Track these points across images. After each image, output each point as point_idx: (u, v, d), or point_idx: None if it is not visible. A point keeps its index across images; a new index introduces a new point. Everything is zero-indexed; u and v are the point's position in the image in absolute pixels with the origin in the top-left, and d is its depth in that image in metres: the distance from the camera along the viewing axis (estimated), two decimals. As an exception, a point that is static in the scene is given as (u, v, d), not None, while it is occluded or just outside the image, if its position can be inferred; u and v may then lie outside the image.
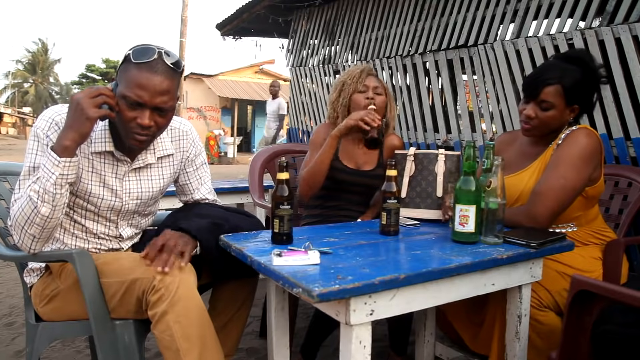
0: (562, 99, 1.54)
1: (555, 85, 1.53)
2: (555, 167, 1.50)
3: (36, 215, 1.24)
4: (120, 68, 1.31)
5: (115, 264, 1.35)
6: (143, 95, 1.25)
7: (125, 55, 1.29)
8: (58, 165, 1.23)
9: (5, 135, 34.78)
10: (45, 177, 1.23)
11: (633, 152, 2.52)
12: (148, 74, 1.25)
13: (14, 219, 1.27)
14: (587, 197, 1.56)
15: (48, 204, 1.24)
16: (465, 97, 3.57)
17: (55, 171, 1.23)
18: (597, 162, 1.54)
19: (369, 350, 1.06)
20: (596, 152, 1.52)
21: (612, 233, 1.67)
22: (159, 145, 1.50)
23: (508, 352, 1.41)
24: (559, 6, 2.86)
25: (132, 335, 1.36)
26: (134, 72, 1.26)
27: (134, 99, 1.26)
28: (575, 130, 1.55)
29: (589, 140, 1.51)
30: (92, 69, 36.76)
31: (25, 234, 1.27)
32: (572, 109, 1.57)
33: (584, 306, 0.94)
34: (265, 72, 20.16)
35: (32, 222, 1.25)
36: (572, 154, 1.50)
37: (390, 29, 4.08)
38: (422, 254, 1.24)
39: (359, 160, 2.00)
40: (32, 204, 1.24)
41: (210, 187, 1.69)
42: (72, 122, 1.24)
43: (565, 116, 1.58)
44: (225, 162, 16.33)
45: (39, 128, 1.33)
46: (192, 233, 1.35)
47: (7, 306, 2.73)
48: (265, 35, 6.47)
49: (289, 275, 1.04)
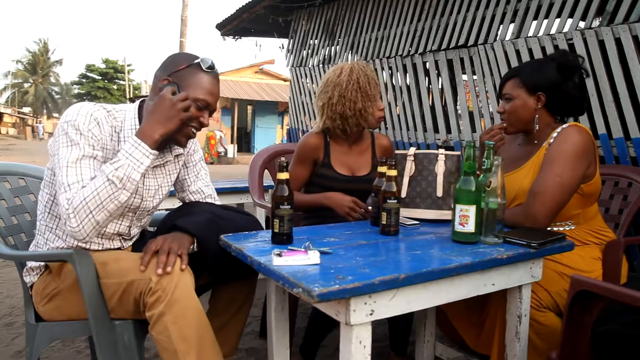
0: (522, 89, 1.62)
1: (513, 78, 1.65)
2: (549, 166, 1.51)
3: (112, 200, 1.27)
4: (184, 72, 1.41)
5: (113, 264, 1.36)
6: (212, 100, 1.42)
7: (191, 62, 1.40)
8: (149, 157, 1.31)
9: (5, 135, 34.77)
10: (131, 166, 1.28)
11: (633, 152, 2.52)
12: (215, 81, 1.44)
13: (81, 202, 1.25)
14: (584, 195, 1.56)
15: (128, 191, 1.29)
16: (465, 97, 3.57)
17: (144, 162, 1.31)
18: (591, 158, 1.55)
19: (369, 350, 1.06)
20: (589, 148, 1.53)
21: (612, 233, 1.67)
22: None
23: (508, 352, 1.41)
24: (559, 6, 2.86)
25: (132, 335, 1.36)
26: (206, 79, 1.41)
27: (206, 101, 1.41)
28: (566, 127, 1.56)
29: (580, 136, 1.52)
30: (92, 69, 36.77)
31: (90, 220, 1.27)
32: (537, 97, 1.61)
33: (584, 306, 0.94)
34: (265, 72, 20.15)
35: (104, 208, 1.27)
36: (565, 151, 1.50)
37: (390, 29, 4.08)
38: (422, 254, 1.24)
39: (352, 166, 1.97)
40: (112, 189, 1.26)
41: (208, 181, 1.71)
42: (163, 119, 1.32)
43: (530, 104, 1.62)
44: (225, 162, 16.34)
45: (80, 122, 1.33)
46: (187, 229, 1.36)
47: (7, 306, 2.73)
48: (265, 35, 6.47)
49: (289, 275, 1.04)
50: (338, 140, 1.98)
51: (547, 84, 1.59)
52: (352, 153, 1.98)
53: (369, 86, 1.87)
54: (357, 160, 1.98)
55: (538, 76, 1.61)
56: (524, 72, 1.64)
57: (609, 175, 2.12)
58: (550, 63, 1.63)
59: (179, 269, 1.27)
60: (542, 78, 1.60)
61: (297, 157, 1.97)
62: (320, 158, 1.96)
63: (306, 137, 1.98)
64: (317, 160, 1.97)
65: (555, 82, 1.59)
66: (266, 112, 19.75)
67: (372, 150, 2.02)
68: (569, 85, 1.60)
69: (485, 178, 1.35)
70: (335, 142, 1.97)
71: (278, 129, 20.14)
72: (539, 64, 1.68)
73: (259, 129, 19.86)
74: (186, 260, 1.30)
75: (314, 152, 1.96)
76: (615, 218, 2.00)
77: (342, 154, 1.97)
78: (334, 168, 1.94)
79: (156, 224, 1.66)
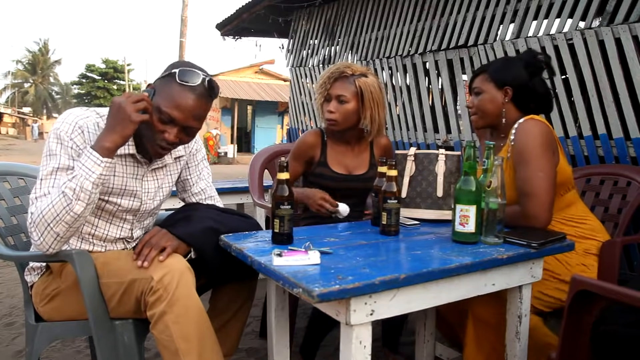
0: (491, 83, 1.67)
1: (482, 73, 1.71)
2: (526, 164, 1.52)
3: (67, 212, 1.24)
4: (162, 80, 1.35)
5: (114, 264, 1.36)
6: (178, 115, 1.31)
7: (170, 71, 1.33)
8: (100, 165, 1.25)
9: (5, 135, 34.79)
10: (83, 176, 1.24)
11: (633, 152, 2.52)
12: (188, 96, 1.31)
13: (38, 216, 1.25)
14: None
15: (82, 202, 1.25)
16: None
17: (96, 170, 1.25)
18: (554, 146, 1.57)
19: (369, 350, 1.06)
20: (549, 137, 1.55)
21: (594, 220, 1.66)
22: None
23: (508, 352, 1.41)
24: (559, 6, 2.86)
25: (132, 335, 1.36)
26: (176, 91, 1.31)
27: (169, 115, 1.31)
28: (522, 122, 1.58)
29: (537, 128, 1.55)
30: (92, 69, 36.74)
31: (49, 233, 1.26)
32: (504, 92, 1.65)
33: (584, 306, 0.94)
34: (265, 72, 20.14)
35: (61, 220, 1.25)
36: (532, 145, 1.52)
37: (390, 29, 4.08)
38: (423, 254, 1.24)
39: (349, 165, 1.96)
40: (65, 201, 1.24)
41: (210, 182, 1.70)
42: (115, 125, 1.26)
43: (498, 98, 1.66)
44: (225, 162, 16.33)
45: (62, 131, 1.32)
46: (182, 239, 1.36)
47: (7, 306, 2.73)
48: (265, 35, 6.47)
49: (289, 275, 1.04)
50: (335, 140, 1.97)
51: (514, 79, 1.65)
52: (350, 152, 1.97)
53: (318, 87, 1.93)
54: (354, 159, 1.97)
55: (505, 71, 1.67)
56: (492, 67, 1.70)
57: (608, 175, 2.12)
58: (518, 60, 1.70)
59: (179, 268, 1.27)
60: (509, 73, 1.66)
61: (294, 152, 1.99)
62: (317, 157, 1.96)
63: (305, 135, 2.00)
64: (314, 159, 1.97)
65: (522, 78, 1.65)
66: (266, 112, 19.74)
67: (370, 150, 2.01)
68: (535, 82, 1.65)
69: (485, 178, 1.35)
70: (332, 141, 1.97)
71: (278, 129, 20.14)
72: (507, 61, 1.75)
73: (259, 129, 19.85)
74: (167, 254, 1.30)
75: (310, 150, 1.96)
76: (614, 217, 2.00)
77: (339, 153, 1.97)
78: (330, 167, 1.94)
79: (157, 224, 1.66)
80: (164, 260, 1.28)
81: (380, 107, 1.89)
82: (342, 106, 1.85)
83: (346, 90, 1.85)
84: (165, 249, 1.31)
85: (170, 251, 1.31)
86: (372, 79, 1.88)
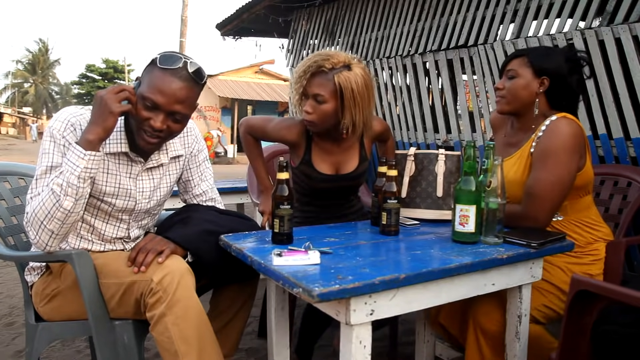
0: (529, 69, 1.58)
1: (522, 56, 1.60)
2: (543, 164, 1.48)
3: (58, 209, 1.25)
4: (145, 69, 1.35)
5: (113, 264, 1.36)
6: (161, 99, 1.30)
7: (152, 59, 1.33)
8: (83, 158, 1.25)
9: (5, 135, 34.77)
10: (69, 171, 1.25)
11: (633, 152, 2.52)
12: (170, 79, 1.30)
13: (32, 215, 1.26)
14: (574, 187, 1.53)
15: (71, 197, 1.25)
16: (465, 97, 3.57)
17: (80, 164, 1.25)
18: (582, 150, 1.52)
19: (369, 350, 1.06)
20: (579, 140, 1.50)
21: (606, 228, 1.62)
22: (171, 146, 1.53)
23: (508, 352, 1.41)
24: (559, 6, 2.86)
25: (132, 336, 1.36)
26: (157, 76, 1.30)
27: (152, 100, 1.30)
28: (555, 120, 1.52)
29: (570, 129, 1.48)
30: (92, 69, 36.76)
31: (44, 230, 1.27)
32: (541, 81, 1.57)
33: (584, 306, 0.94)
34: (265, 72, 20.15)
35: (53, 217, 1.25)
36: (556, 147, 1.47)
37: (390, 29, 4.08)
38: (423, 254, 1.24)
39: (337, 163, 1.81)
40: (54, 197, 1.24)
41: (212, 183, 1.69)
42: (97, 117, 1.27)
43: (533, 86, 1.57)
44: (225, 162, 16.33)
45: (54, 129, 1.33)
46: (179, 243, 1.36)
47: (7, 306, 2.73)
48: (265, 35, 6.46)
49: (289, 275, 1.04)
50: (319, 135, 1.79)
51: (554, 70, 1.57)
52: (336, 148, 1.80)
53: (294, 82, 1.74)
54: (342, 154, 1.81)
55: (547, 60, 1.58)
56: (533, 53, 1.60)
57: (609, 175, 2.12)
58: (560, 53, 1.61)
59: (178, 270, 1.27)
60: (550, 63, 1.57)
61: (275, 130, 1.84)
62: (301, 153, 1.81)
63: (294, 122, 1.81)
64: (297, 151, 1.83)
65: (562, 71, 1.57)
66: (266, 112, 19.72)
67: (360, 143, 1.84)
68: (573, 79, 1.59)
69: (485, 178, 1.35)
70: (317, 137, 1.79)
71: (278, 129, 20.10)
72: (549, 50, 1.66)
73: (259, 129, 19.82)
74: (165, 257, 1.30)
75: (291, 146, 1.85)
76: (614, 218, 2.00)
77: (325, 151, 1.80)
78: (315, 167, 1.78)
79: (158, 224, 1.66)
80: (163, 261, 1.28)
81: (365, 105, 1.67)
82: (320, 106, 1.64)
83: (323, 89, 1.62)
84: (163, 251, 1.31)
85: (168, 253, 1.31)
86: (355, 72, 1.63)
